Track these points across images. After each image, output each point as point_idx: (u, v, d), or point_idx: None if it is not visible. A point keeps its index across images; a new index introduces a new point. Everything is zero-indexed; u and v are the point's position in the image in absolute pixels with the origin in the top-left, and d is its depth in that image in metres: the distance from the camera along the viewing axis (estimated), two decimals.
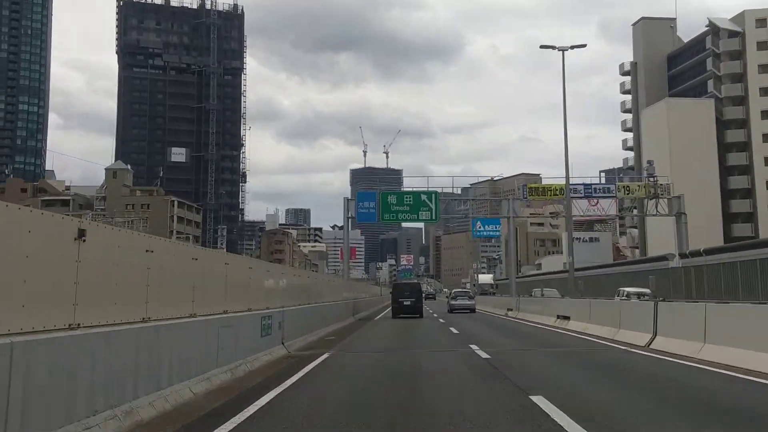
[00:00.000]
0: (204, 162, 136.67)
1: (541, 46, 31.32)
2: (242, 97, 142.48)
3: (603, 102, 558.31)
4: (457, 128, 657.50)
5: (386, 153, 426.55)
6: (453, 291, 52.99)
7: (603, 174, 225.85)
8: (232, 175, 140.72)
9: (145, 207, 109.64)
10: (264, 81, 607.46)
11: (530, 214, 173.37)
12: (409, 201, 40.51)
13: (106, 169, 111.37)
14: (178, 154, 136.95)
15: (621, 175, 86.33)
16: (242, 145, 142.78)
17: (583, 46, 31.95)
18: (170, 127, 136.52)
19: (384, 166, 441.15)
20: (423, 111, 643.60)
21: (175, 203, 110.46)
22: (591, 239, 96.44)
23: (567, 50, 31.00)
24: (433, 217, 41.08)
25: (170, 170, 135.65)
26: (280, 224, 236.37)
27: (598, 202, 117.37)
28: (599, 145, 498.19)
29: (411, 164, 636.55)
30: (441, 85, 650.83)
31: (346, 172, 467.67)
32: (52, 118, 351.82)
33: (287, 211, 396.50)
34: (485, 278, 63.93)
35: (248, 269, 13.42)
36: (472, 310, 41.83)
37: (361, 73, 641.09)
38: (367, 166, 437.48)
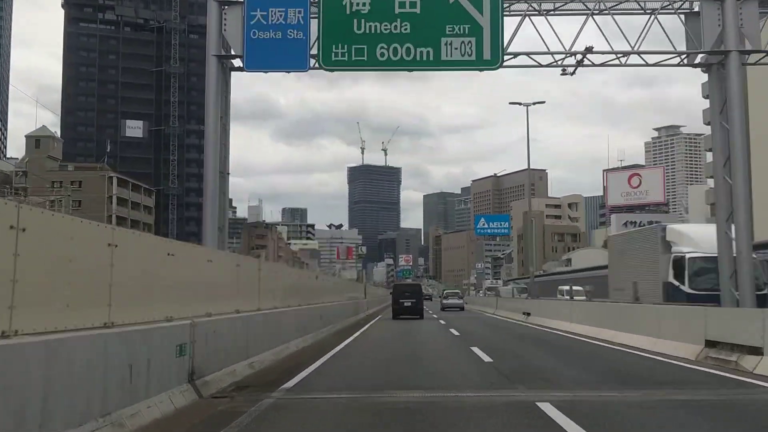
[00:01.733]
0: (165, 137, 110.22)
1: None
2: None
3: (603, 101, 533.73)
4: (455, 128, 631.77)
5: (384, 150, 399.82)
6: (445, 292, 61.04)
7: (606, 174, 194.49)
8: (200, 154, 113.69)
9: (76, 184, 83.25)
10: (259, 78, 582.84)
11: (546, 204, 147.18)
12: (412, 7, 14.01)
13: (26, 136, 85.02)
14: (134, 128, 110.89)
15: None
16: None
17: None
18: (124, 95, 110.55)
19: (382, 163, 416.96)
20: (421, 110, 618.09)
21: (115, 181, 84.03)
22: (650, 224, 70.34)
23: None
24: (489, 55, 13.25)
25: (124, 147, 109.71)
26: (269, 222, 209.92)
27: (640, 182, 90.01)
28: (597, 146, 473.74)
29: (409, 164, 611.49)
30: (439, 83, 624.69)
31: (343, 172, 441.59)
32: (48, 117, 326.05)
33: (283, 210, 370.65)
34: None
35: None
36: (461, 308, 44.66)
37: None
38: (364, 163, 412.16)
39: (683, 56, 13.99)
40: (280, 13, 12.89)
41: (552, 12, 14.39)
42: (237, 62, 14.77)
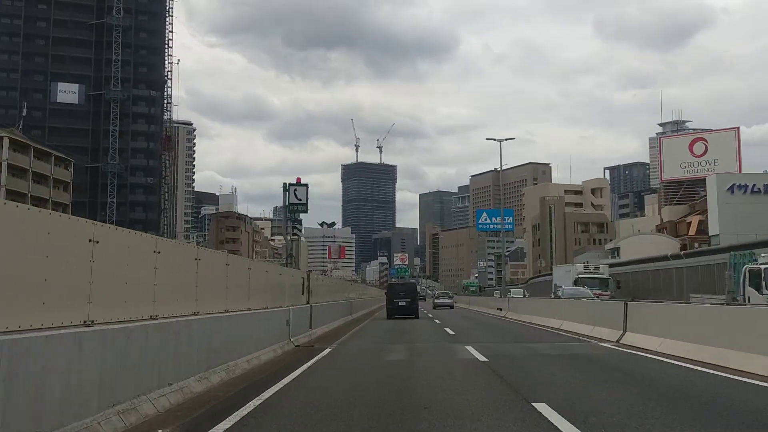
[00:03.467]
0: (105, 104, 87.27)
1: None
2: (167, 15, 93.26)
3: (597, 103, 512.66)
4: (450, 129, 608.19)
5: (380, 147, 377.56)
6: (437, 293, 71.78)
7: (607, 171, 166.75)
8: (150, 125, 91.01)
9: None
10: (253, 79, 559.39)
11: (566, 191, 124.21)
12: None
13: None
14: (68, 93, 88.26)
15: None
16: (167, 81, 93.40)
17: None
18: (56, 53, 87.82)
19: (377, 161, 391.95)
20: (416, 111, 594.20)
21: (6, 142, 60.83)
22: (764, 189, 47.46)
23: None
24: None
25: (55, 115, 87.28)
26: (253, 218, 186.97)
27: (706, 149, 67.53)
28: (593, 147, 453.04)
29: (405, 164, 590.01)
30: (433, 84, 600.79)
31: (337, 173, 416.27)
32: None
33: (275, 209, 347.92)
34: None
35: None
36: (451, 307, 49.86)
37: (352, 71, 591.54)
38: (359, 161, 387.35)
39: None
40: None
41: None
42: None
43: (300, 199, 20.51)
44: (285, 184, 20.36)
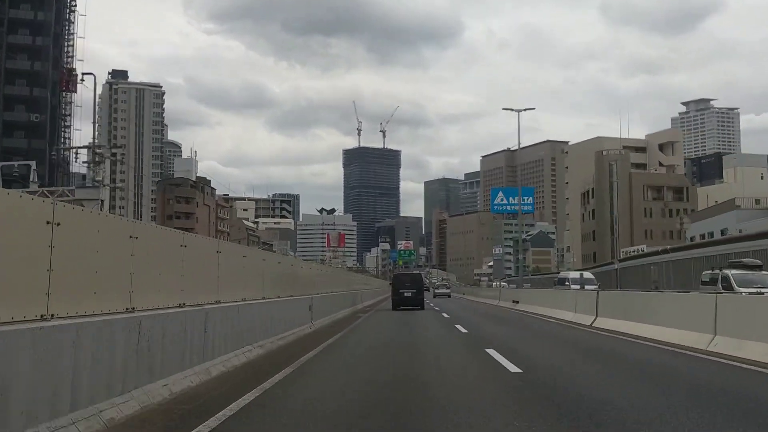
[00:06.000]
0: None
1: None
2: None
3: (602, 89, 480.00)
4: (454, 117, 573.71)
5: (383, 132, 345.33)
6: (436, 283, 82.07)
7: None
8: (36, 38, 60.12)
9: None
10: (252, 67, 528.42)
11: (624, 147, 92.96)
12: None
13: None
14: None
15: None
16: (70, 12, 62.78)
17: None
18: None
19: (381, 146, 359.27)
20: (419, 99, 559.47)
21: None
22: None
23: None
24: None
25: None
26: (236, 197, 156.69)
27: None
28: (601, 134, 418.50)
29: (408, 154, 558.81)
30: (437, 71, 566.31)
31: (339, 163, 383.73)
32: None
33: (274, 195, 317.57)
34: None
35: None
36: (448, 296, 57.06)
37: (353, 57, 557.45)
38: (361, 145, 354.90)
39: None
40: None
41: None
42: None
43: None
44: None
